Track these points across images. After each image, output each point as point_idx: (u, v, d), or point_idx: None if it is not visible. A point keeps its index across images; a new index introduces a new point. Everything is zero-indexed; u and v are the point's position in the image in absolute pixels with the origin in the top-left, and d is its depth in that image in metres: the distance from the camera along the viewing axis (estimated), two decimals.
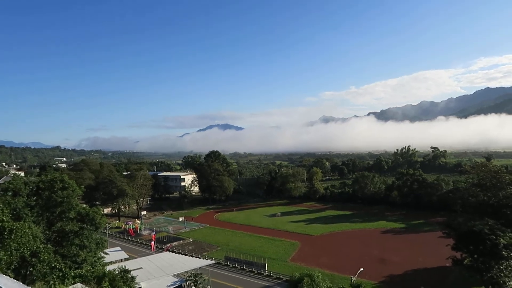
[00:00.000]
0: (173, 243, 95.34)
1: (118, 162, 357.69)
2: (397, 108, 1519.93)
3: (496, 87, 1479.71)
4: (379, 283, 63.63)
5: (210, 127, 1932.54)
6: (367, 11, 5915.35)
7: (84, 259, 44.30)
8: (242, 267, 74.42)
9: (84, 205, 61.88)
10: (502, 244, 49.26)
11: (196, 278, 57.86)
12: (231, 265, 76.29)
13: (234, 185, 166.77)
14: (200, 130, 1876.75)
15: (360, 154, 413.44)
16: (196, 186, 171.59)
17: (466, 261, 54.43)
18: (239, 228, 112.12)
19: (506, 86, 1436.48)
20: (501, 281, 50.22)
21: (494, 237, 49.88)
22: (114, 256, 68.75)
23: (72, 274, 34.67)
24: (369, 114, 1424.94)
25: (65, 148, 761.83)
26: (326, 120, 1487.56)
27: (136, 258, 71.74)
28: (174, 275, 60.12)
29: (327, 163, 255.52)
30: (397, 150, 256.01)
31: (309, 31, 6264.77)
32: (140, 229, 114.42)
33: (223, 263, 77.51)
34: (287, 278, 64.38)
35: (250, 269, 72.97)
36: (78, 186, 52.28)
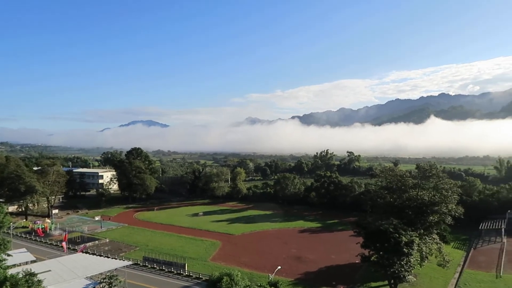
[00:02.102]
0: (88, 244, 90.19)
1: (27, 156, 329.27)
2: (319, 113, 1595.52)
3: (405, 99, 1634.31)
4: (295, 280, 66.41)
5: (134, 122, 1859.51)
6: (290, 19, 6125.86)
7: None
8: (161, 268, 72.88)
9: None
10: (403, 242, 54.53)
11: (111, 280, 55.45)
12: (149, 266, 74.31)
13: (156, 183, 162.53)
14: (122, 126, 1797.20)
15: (282, 156, 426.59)
16: (115, 183, 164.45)
17: (373, 257, 59.30)
18: (160, 228, 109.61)
19: (413, 99, 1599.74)
20: (402, 275, 55.65)
21: (397, 236, 55.04)
22: (18, 259, 63.36)
23: None
24: (293, 117, 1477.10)
25: None
26: (252, 121, 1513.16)
27: (44, 260, 67.10)
28: (87, 278, 57.12)
29: (251, 164, 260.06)
30: (317, 153, 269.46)
31: (235, 32, 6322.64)
32: (50, 229, 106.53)
33: (141, 264, 75.23)
34: (206, 278, 64.54)
35: (169, 270, 71.73)
36: None
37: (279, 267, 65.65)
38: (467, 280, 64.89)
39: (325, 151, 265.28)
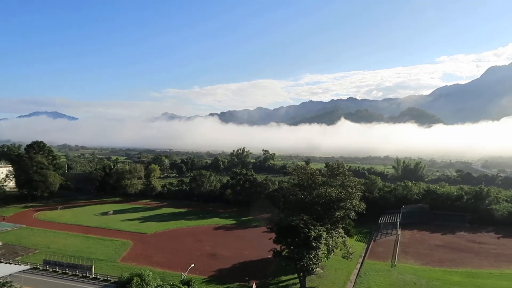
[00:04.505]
0: None
1: None
2: (237, 112, 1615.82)
3: (317, 101, 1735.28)
4: (208, 277, 66.30)
5: (36, 114, 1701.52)
6: (208, 16, 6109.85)
7: None
8: (64, 271, 67.88)
9: None
10: (312, 236, 57.54)
11: (4, 287, 50.08)
12: (51, 270, 68.79)
13: (60, 180, 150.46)
14: (22, 116, 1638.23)
15: (199, 153, 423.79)
16: (12, 180, 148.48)
17: (284, 252, 61.56)
18: (64, 228, 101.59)
19: (324, 101, 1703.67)
20: (310, 268, 58.67)
21: (307, 230, 57.90)
22: None
23: None
24: (212, 115, 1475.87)
25: None
26: (170, 117, 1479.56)
27: None
28: None
29: (166, 161, 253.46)
30: (234, 151, 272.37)
31: (155, 30, 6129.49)
32: None
33: (42, 268, 69.41)
34: (116, 280, 61.57)
35: (74, 273, 67.11)
36: None
37: (193, 265, 65.17)
38: (367, 270, 70.62)
39: (242, 149, 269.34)
